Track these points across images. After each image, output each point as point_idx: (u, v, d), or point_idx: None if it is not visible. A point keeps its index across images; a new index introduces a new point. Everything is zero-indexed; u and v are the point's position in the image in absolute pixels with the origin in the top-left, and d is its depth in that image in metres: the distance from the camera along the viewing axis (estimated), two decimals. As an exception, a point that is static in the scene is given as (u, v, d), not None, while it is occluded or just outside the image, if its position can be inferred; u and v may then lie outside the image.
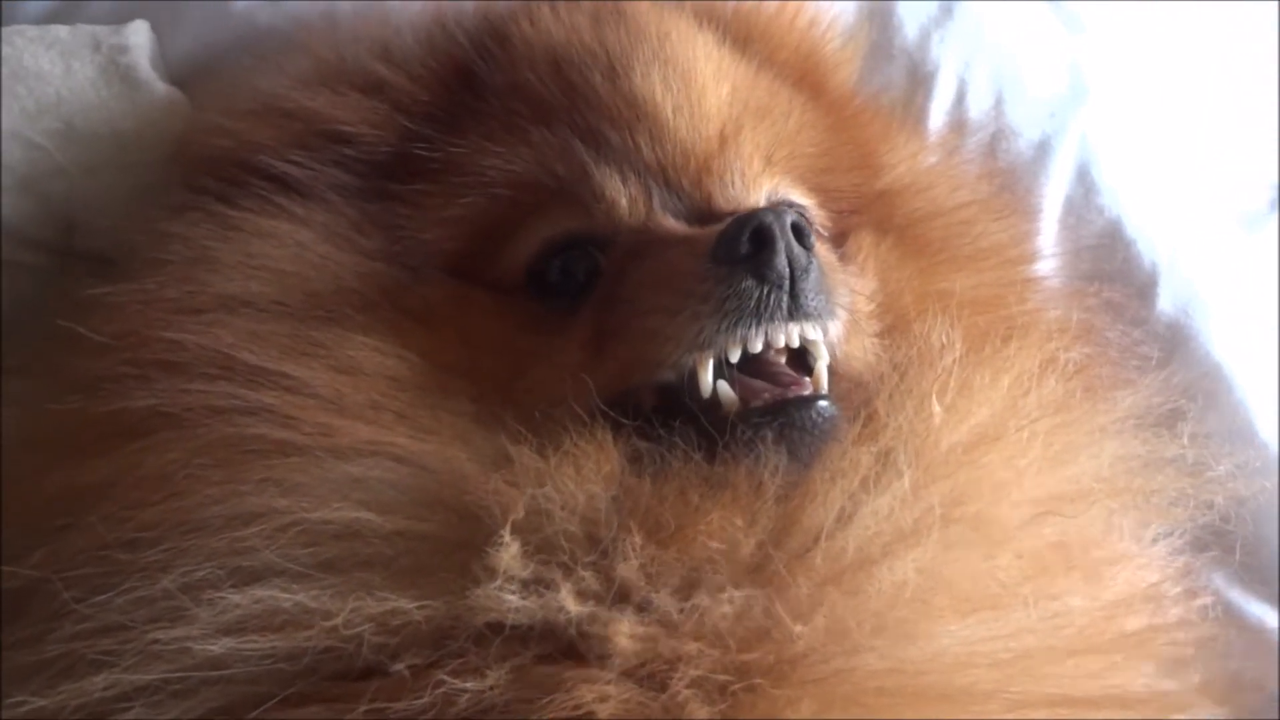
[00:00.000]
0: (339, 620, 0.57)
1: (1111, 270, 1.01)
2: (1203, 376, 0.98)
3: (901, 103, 1.02)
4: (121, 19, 0.88)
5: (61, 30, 0.85)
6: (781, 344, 0.67)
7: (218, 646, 0.57)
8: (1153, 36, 1.26)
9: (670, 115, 0.76)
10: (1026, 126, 1.04)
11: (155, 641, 0.58)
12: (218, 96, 0.86)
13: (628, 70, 0.77)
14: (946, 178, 0.93)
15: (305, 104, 0.78)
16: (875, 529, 0.61)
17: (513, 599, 0.57)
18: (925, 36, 1.04)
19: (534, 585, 0.58)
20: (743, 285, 0.65)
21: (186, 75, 0.89)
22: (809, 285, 0.66)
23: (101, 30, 0.86)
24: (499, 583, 0.57)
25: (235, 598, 0.58)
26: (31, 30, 0.85)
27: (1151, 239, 1.03)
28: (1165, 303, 1.01)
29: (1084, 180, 1.04)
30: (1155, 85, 1.21)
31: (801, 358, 0.68)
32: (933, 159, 0.95)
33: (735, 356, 0.66)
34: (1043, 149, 1.04)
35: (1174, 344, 0.99)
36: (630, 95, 0.76)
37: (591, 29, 0.80)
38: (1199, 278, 1.03)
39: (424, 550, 0.60)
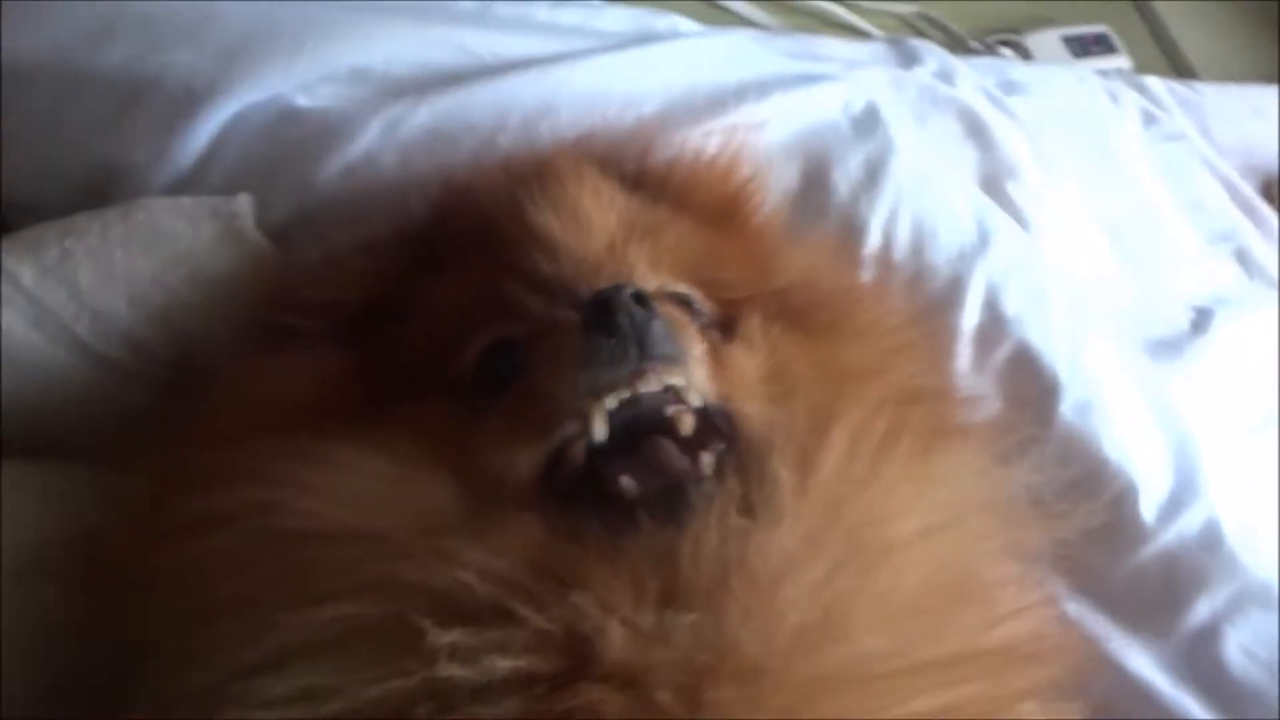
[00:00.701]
0: (354, 692, 0.66)
1: (1020, 382, 1.17)
2: (1093, 470, 1.13)
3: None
4: (230, 190, 1.09)
5: (187, 201, 1.05)
6: (644, 390, 0.77)
7: (271, 717, 0.66)
8: (1079, 178, 1.50)
9: (561, 235, 0.89)
10: (941, 265, 1.23)
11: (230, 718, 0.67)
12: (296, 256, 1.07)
13: (526, 209, 0.91)
14: (830, 272, 1.07)
15: (303, 285, 0.97)
16: (765, 557, 0.71)
17: (457, 671, 0.65)
18: (855, 198, 1.24)
19: (469, 653, 0.66)
20: (597, 342, 0.77)
21: (278, 234, 1.10)
22: (654, 334, 0.77)
23: (218, 201, 1.06)
24: (443, 660, 0.66)
25: (275, 682, 0.67)
26: (165, 201, 1.06)
27: (1054, 354, 1.19)
28: (1065, 409, 1.16)
29: (992, 309, 1.21)
30: (1079, 221, 1.43)
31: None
32: (818, 258, 1.08)
33: (612, 403, 0.76)
34: (955, 285, 1.22)
35: (1070, 443, 1.14)
36: (528, 225, 0.90)
37: (506, 184, 0.96)
38: (1094, 388, 1.18)
39: (392, 632, 0.68)
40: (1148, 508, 1.13)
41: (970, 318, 1.22)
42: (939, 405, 0.98)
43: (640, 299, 0.78)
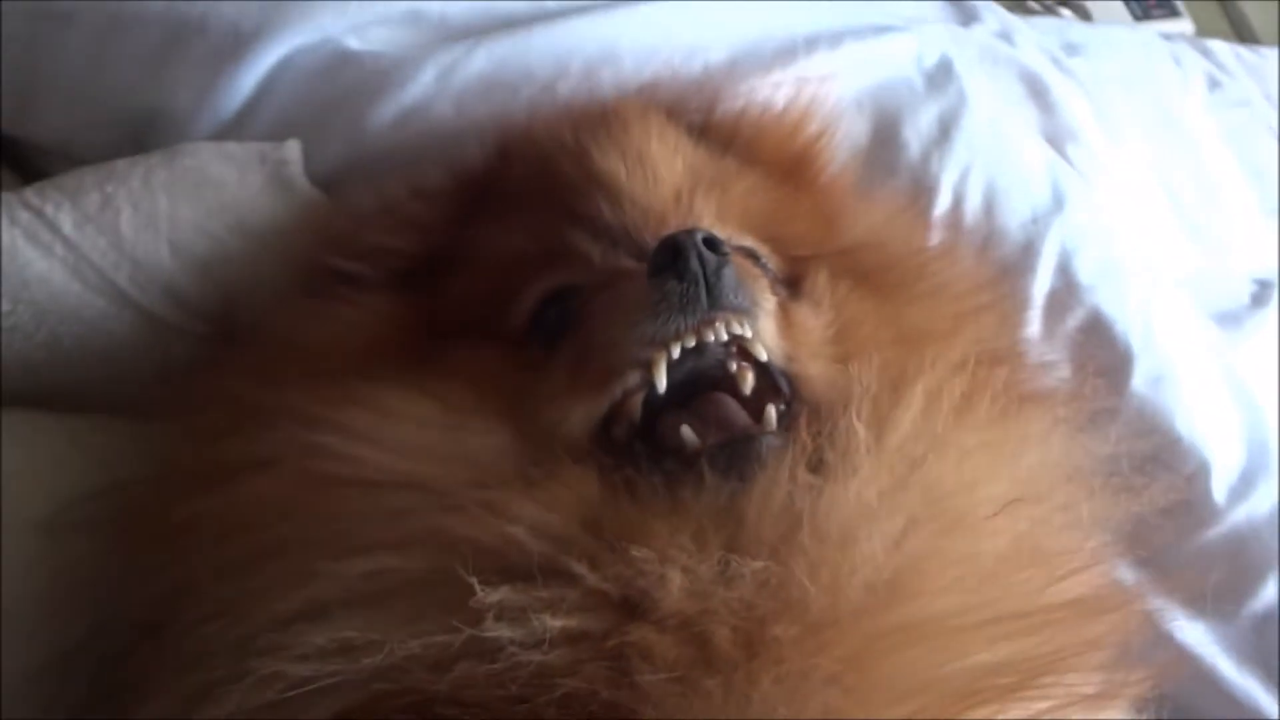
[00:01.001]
0: (393, 647, 0.64)
1: (1092, 352, 1.11)
2: (1165, 446, 1.08)
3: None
4: (277, 138, 1.05)
5: (235, 147, 1.02)
6: (711, 339, 0.75)
7: (306, 670, 0.64)
8: (1141, 142, 1.43)
9: (626, 182, 0.87)
10: (1014, 228, 1.17)
11: (265, 670, 0.65)
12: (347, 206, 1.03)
13: (590, 154, 0.89)
14: (900, 231, 1.04)
15: (358, 231, 0.95)
16: (837, 512, 0.69)
17: (506, 632, 0.63)
18: (927, 154, 1.19)
19: (518, 613, 0.64)
20: (666, 286, 0.74)
21: (328, 184, 1.06)
22: (724, 282, 0.75)
23: (266, 147, 1.02)
24: (490, 619, 0.64)
25: (315, 632, 0.65)
26: (211, 146, 1.02)
27: (1128, 323, 1.14)
28: (1138, 381, 1.11)
29: (1065, 274, 1.16)
30: (1140, 187, 1.36)
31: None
32: (888, 217, 1.05)
33: (676, 351, 0.74)
34: (1028, 247, 1.17)
35: (1142, 416, 1.09)
36: (592, 171, 0.88)
37: (571, 131, 0.94)
38: (1168, 360, 1.14)
39: (438, 587, 0.66)
40: (1219, 487, 1.09)
41: (1042, 283, 1.17)
42: (1014, 370, 0.94)
43: (712, 244, 0.75)
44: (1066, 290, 1.16)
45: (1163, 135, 1.61)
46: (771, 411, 0.75)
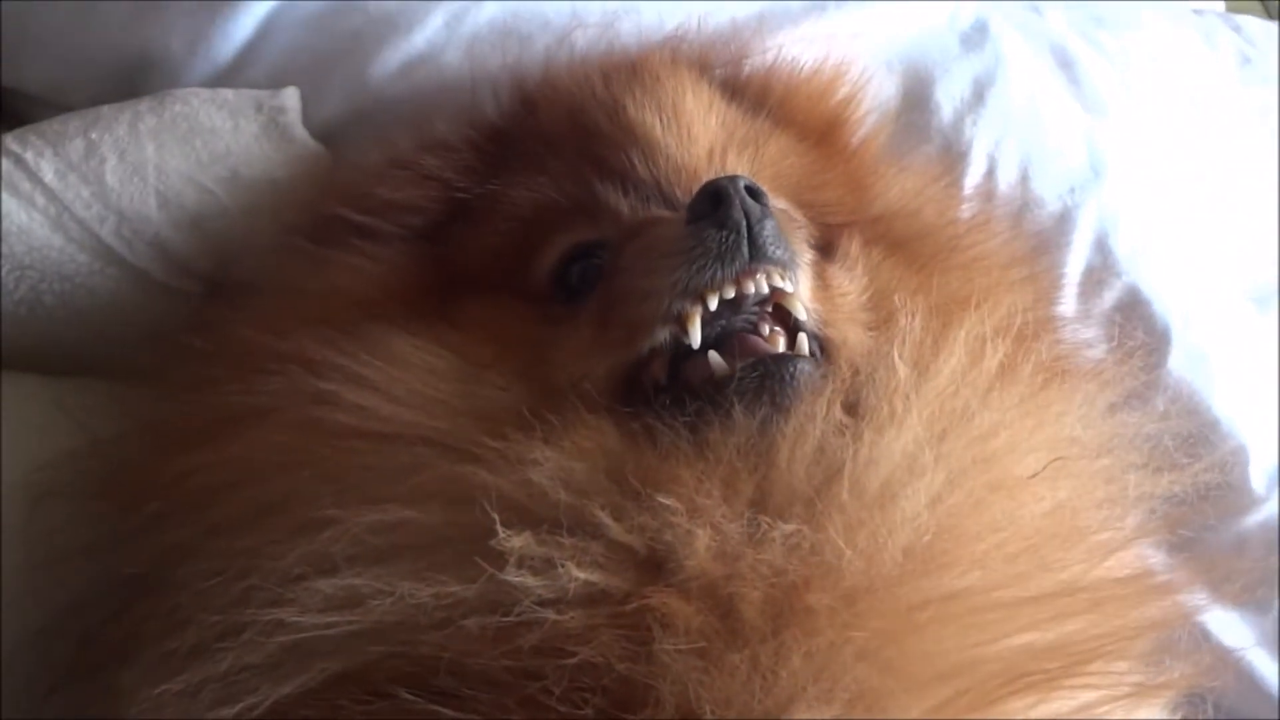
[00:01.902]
0: (405, 598, 0.61)
1: (1129, 329, 1.04)
2: (1202, 428, 1.03)
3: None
4: (274, 86, 0.98)
5: (229, 93, 0.95)
6: (752, 290, 0.71)
7: (309, 620, 0.62)
8: (1169, 119, 1.33)
9: (661, 136, 0.84)
10: (1049, 199, 1.11)
11: (268, 622, 0.62)
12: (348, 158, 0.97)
13: (625, 106, 0.85)
14: (934, 201, 0.99)
15: (370, 186, 0.88)
16: (878, 461, 0.65)
17: (528, 580, 0.61)
18: (959, 119, 1.12)
19: (541, 562, 0.61)
20: (705, 234, 0.70)
21: (327, 136, 1.00)
22: (766, 232, 0.71)
23: (262, 94, 0.96)
24: (511, 567, 0.61)
25: (321, 584, 0.63)
26: (204, 92, 0.95)
27: (1165, 302, 1.08)
28: (1175, 361, 1.06)
29: (1102, 249, 1.10)
30: (1169, 165, 1.27)
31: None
32: (921, 185, 0.99)
33: (714, 303, 0.70)
34: (1064, 220, 1.10)
35: (1179, 397, 1.04)
36: (626, 123, 0.85)
37: (601, 82, 0.90)
38: (1206, 340, 1.08)
39: (455, 539, 0.64)
40: (1257, 474, 1.04)
41: (1079, 258, 1.11)
42: (1055, 342, 0.90)
43: (754, 192, 0.72)
44: (1104, 266, 1.11)
45: (1191, 112, 1.54)
46: (804, 338, 0.73)
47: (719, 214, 0.70)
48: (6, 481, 0.81)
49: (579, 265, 0.80)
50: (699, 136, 0.84)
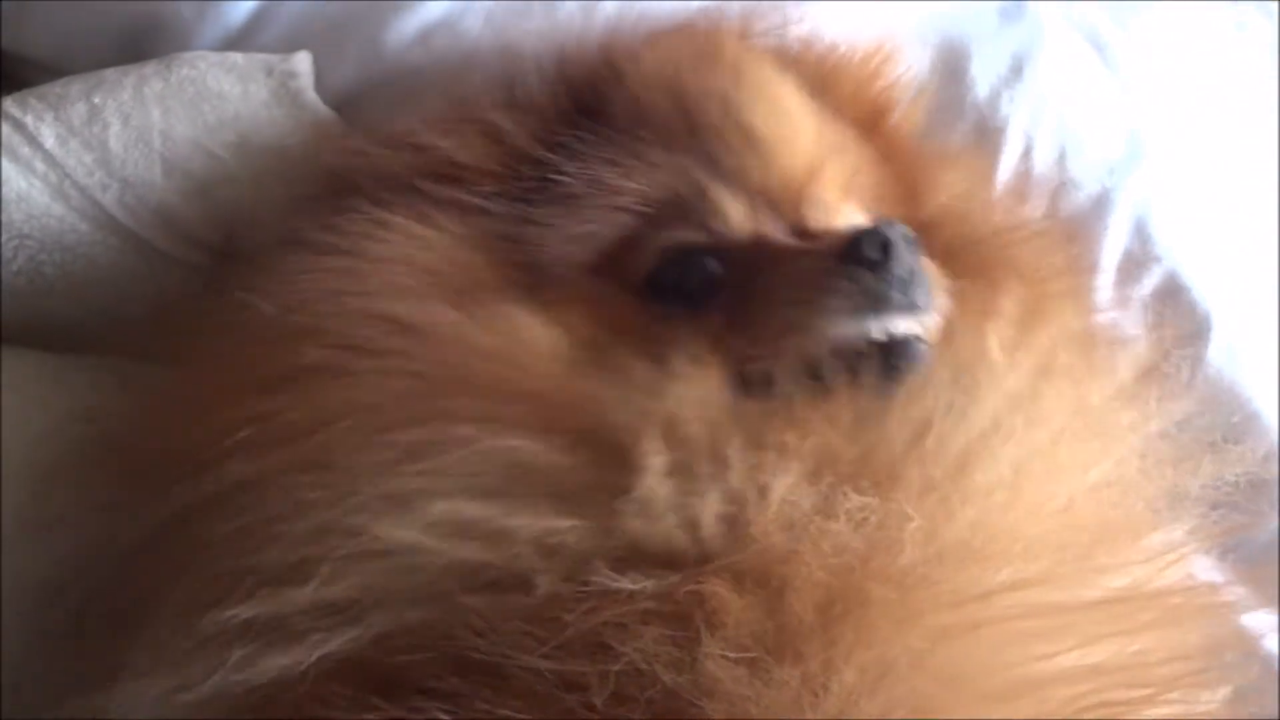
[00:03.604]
0: (514, 531, 0.59)
1: (1168, 317, 1.01)
2: (1241, 422, 0.99)
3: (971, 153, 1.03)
4: (287, 51, 0.93)
5: (238, 57, 0.90)
6: (901, 334, 0.71)
7: (421, 539, 0.59)
8: (1204, 105, 1.26)
9: (776, 145, 0.80)
10: (1087, 181, 1.05)
11: (350, 549, 0.60)
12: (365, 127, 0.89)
13: (739, 105, 0.81)
14: (983, 206, 0.96)
15: (435, 142, 0.81)
16: (968, 427, 0.65)
17: (639, 524, 0.59)
18: (996, 95, 1.06)
19: (674, 500, 0.60)
20: (872, 283, 0.70)
21: (341, 104, 0.94)
22: (919, 284, 0.72)
23: (273, 58, 0.90)
24: (643, 500, 0.60)
25: (438, 505, 0.60)
26: (213, 56, 0.90)
27: (1205, 290, 1.03)
28: (1215, 352, 1.01)
29: (1141, 233, 1.05)
30: (1207, 150, 1.24)
31: None
32: (970, 187, 0.96)
33: (863, 347, 0.70)
34: (1101, 203, 1.05)
35: (1219, 388, 1.00)
36: (743, 126, 0.80)
37: (699, 67, 0.84)
38: (1245, 330, 1.03)
39: (575, 477, 0.62)
40: None
41: (1117, 241, 1.05)
42: (1100, 343, 0.89)
43: (909, 243, 0.73)
44: (1142, 251, 1.05)
45: (1226, 98, 1.49)
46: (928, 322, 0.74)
47: (885, 266, 0.71)
48: (7, 455, 0.77)
49: (683, 267, 0.77)
50: (805, 147, 0.82)
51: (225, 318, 0.73)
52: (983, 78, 1.07)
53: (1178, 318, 1.02)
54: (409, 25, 0.96)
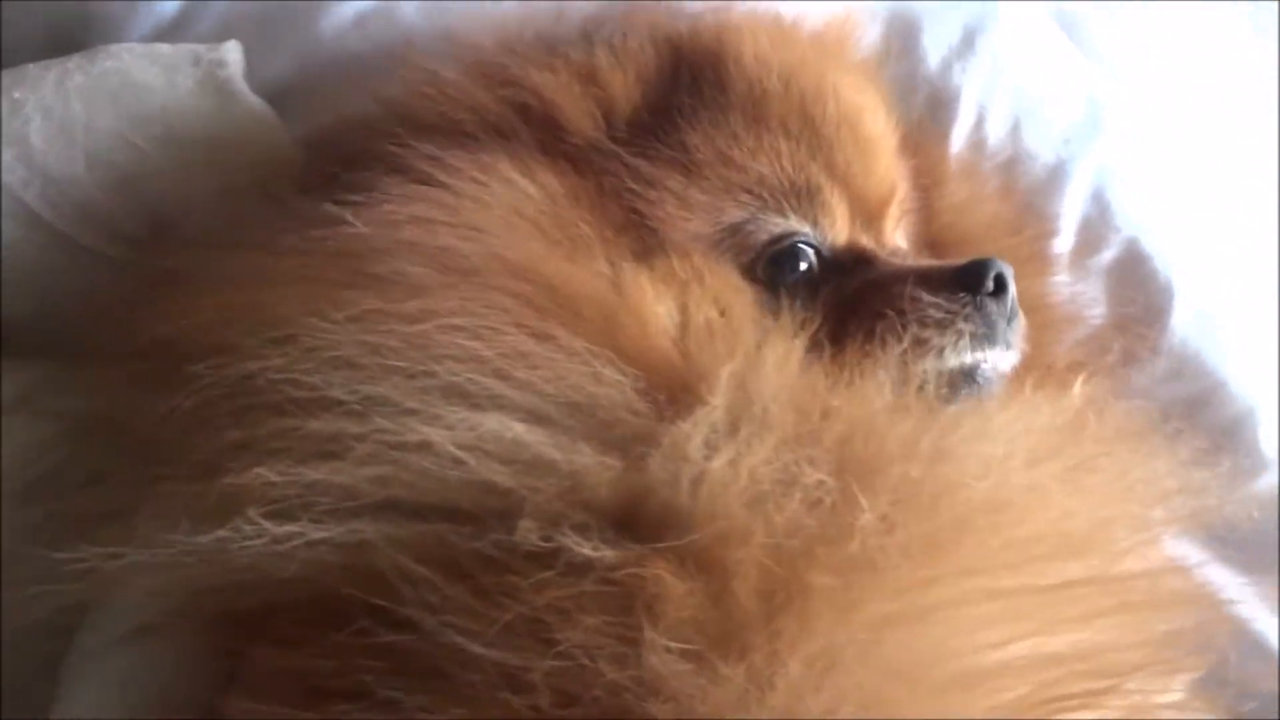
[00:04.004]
0: (552, 464, 0.59)
1: (1130, 286, 1.01)
2: (1209, 389, 0.98)
3: (927, 136, 1.02)
4: (219, 40, 0.91)
5: (164, 48, 0.88)
6: (995, 366, 0.77)
7: (456, 453, 0.59)
8: (1170, 65, 1.26)
9: (880, 154, 0.84)
10: (1042, 151, 1.04)
11: (396, 434, 0.59)
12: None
13: (858, 108, 0.84)
14: (973, 211, 0.96)
15: (530, 78, 0.80)
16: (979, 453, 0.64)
17: (660, 471, 0.59)
18: (947, 67, 1.05)
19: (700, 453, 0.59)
20: (991, 316, 0.76)
21: (277, 95, 0.92)
22: (1016, 320, 0.78)
23: (200, 48, 0.88)
24: (675, 442, 0.59)
25: (479, 417, 0.60)
26: (138, 47, 0.88)
27: (1167, 257, 1.02)
28: (1178, 318, 1.00)
29: (1099, 202, 1.03)
30: (1171, 112, 1.20)
31: None
32: (962, 193, 0.97)
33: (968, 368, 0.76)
34: (1058, 173, 1.03)
35: (1184, 357, 0.99)
36: (857, 129, 0.83)
37: (820, 64, 0.85)
38: (1212, 297, 1.02)
39: (635, 422, 0.62)
40: (1268, 437, 0.97)
41: (1073, 208, 1.03)
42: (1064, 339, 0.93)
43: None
44: (1101, 219, 1.03)
45: (1204, 68, 1.46)
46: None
47: (999, 299, 0.77)
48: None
49: (787, 258, 0.79)
50: (892, 155, 0.86)
51: (309, 226, 0.70)
52: (934, 49, 1.06)
53: (1139, 288, 1.01)
54: (344, 11, 0.94)
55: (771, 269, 0.79)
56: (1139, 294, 1.01)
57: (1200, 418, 0.97)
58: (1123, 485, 0.71)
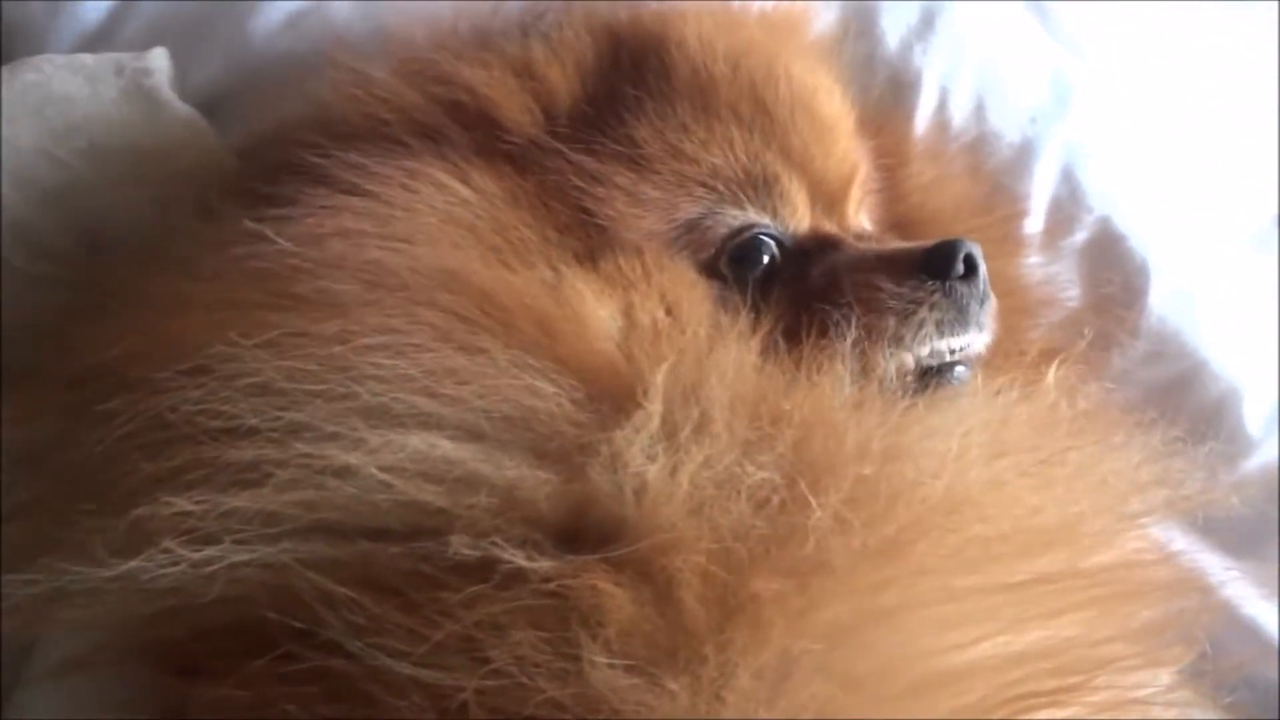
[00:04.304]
0: (485, 479, 0.56)
1: (1104, 265, 0.99)
2: (1190, 370, 0.96)
3: (889, 117, 0.99)
4: (149, 48, 0.88)
5: (87, 58, 0.85)
6: (968, 349, 0.75)
7: (372, 476, 0.56)
8: (1146, 47, 1.22)
9: (837, 136, 0.81)
10: (1008, 131, 1.01)
11: (318, 460, 0.57)
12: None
13: (811, 90, 0.81)
14: (940, 192, 0.94)
15: (462, 75, 0.77)
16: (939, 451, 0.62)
17: (603, 477, 0.57)
18: (907, 47, 1.02)
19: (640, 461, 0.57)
20: (962, 299, 0.73)
21: (209, 101, 0.89)
22: (988, 304, 0.75)
23: (125, 56, 0.85)
24: (615, 451, 0.57)
25: (405, 437, 0.57)
26: (59, 59, 0.85)
27: (1143, 236, 0.99)
28: (1156, 297, 0.97)
29: (1069, 181, 1.01)
30: (1145, 94, 1.17)
31: None
32: (929, 174, 0.95)
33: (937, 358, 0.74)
34: (1025, 152, 1.01)
35: (1163, 338, 0.96)
36: (812, 111, 0.80)
37: (770, 48, 0.82)
38: (1190, 275, 0.99)
39: (573, 431, 0.59)
40: (1253, 417, 0.95)
41: (1043, 188, 1.00)
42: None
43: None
44: (1071, 199, 1.01)
45: (1177, 50, 1.44)
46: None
47: (970, 282, 0.74)
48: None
49: (746, 249, 0.77)
50: (850, 137, 0.84)
51: (231, 245, 0.67)
52: (892, 30, 1.03)
53: (1115, 268, 0.99)
54: (275, 12, 0.92)
55: (735, 264, 0.76)
56: (1115, 274, 0.98)
57: (1182, 400, 0.95)
58: (1094, 479, 0.68)
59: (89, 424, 0.62)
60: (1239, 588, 0.88)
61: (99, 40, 0.91)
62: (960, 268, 0.74)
